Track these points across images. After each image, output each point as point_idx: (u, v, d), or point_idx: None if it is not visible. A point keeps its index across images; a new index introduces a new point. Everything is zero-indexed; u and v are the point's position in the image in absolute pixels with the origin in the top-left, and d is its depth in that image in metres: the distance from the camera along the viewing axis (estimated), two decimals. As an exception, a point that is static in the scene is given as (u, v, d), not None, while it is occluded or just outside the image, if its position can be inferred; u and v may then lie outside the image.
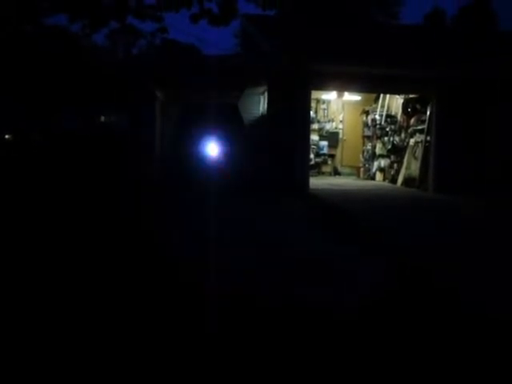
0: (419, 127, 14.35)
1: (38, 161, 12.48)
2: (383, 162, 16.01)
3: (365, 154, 17.19)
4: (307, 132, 13.57)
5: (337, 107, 17.83)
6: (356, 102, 17.20)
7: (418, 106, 14.64)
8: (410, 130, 14.81)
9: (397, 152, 15.31)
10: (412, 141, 14.63)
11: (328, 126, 17.74)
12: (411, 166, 14.57)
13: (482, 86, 13.36)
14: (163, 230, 7.97)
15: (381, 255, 6.65)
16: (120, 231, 7.53)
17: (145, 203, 10.11)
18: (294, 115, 12.96)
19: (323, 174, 17.31)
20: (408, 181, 14.47)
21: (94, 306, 4.57)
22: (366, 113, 17.23)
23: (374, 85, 13.62)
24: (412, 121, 14.77)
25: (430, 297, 5.14)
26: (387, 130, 15.90)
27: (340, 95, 16.43)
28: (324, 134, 17.55)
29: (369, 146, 16.93)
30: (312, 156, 16.12)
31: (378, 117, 16.44)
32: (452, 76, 13.37)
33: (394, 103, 15.99)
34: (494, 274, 5.93)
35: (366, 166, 17.04)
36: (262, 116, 13.94)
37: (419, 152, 14.19)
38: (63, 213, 8.66)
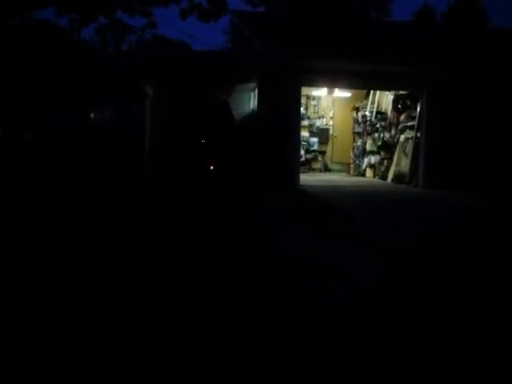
0: (409, 123, 14.35)
1: (31, 160, 12.31)
2: (373, 159, 16.01)
3: (355, 150, 17.18)
4: (298, 128, 13.54)
5: (327, 104, 17.80)
6: (346, 99, 17.18)
7: (408, 103, 14.65)
8: (400, 127, 14.80)
9: (387, 148, 15.30)
10: (402, 137, 14.64)
11: (318, 123, 17.72)
12: (401, 162, 14.58)
13: (474, 83, 13.37)
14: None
15: (371, 254, 6.64)
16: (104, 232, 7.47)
17: (130, 203, 10.02)
18: (284, 112, 12.92)
19: (313, 170, 17.29)
20: (398, 177, 14.47)
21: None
22: (357, 109, 17.21)
23: (364, 81, 13.60)
24: (402, 117, 14.77)
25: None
26: (377, 126, 15.89)
27: (330, 92, 16.41)
28: (314, 130, 17.53)
29: (359, 143, 16.92)
30: (302, 152, 16.09)
31: (368, 113, 16.43)
32: (441, 74, 13.37)
33: (385, 100, 15.99)
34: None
35: (357, 162, 17.03)
36: (253, 112, 13.88)
37: (409, 148, 14.19)
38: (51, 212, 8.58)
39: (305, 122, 16.82)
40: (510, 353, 3.86)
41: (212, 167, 12.02)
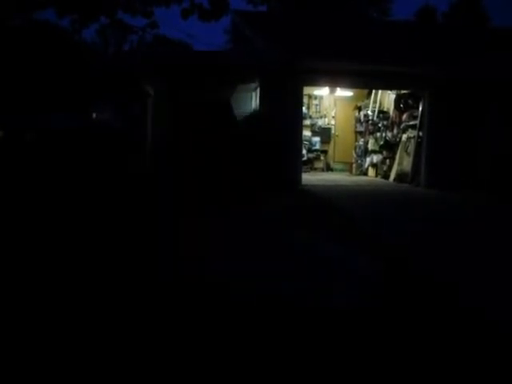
0: (411, 123, 14.34)
1: (31, 159, 12.29)
2: (375, 158, 16.00)
3: (357, 149, 17.17)
4: (299, 128, 13.54)
5: (329, 103, 17.80)
6: (348, 98, 17.18)
7: (410, 102, 14.64)
8: (402, 126, 14.80)
9: (389, 148, 15.29)
10: (404, 136, 14.63)
11: (320, 122, 17.72)
12: (403, 161, 14.57)
13: (474, 83, 13.35)
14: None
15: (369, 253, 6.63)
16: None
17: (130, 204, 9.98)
18: (286, 111, 12.92)
19: (316, 169, 17.29)
20: (400, 176, 14.46)
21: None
22: (359, 108, 17.20)
23: (365, 81, 13.59)
24: (404, 116, 14.76)
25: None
26: (379, 125, 15.89)
27: (332, 91, 16.41)
28: (316, 129, 17.52)
29: (361, 142, 16.91)
30: (304, 152, 16.09)
31: (370, 112, 16.42)
32: (442, 74, 13.35)
33: (387, 99, 15.98)
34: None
35: (359, 161, 17.02)
36: (255, 112, 13.88)
37: (411, 148, 14.18)
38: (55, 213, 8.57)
39: (307, 122, 16.81)
40: (511, 353, 3.86)
41: (213, 167, 12.01)
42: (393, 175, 14.82)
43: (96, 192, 10.29)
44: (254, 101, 14.07)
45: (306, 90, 14.88)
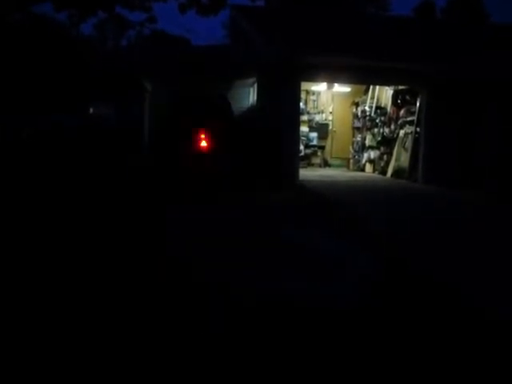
0: (409, 118, 14.33)
1: (28, 158, 12.23)
2: (373, 154, 15.99)
3: (354, 145, 17.16)
4: (297, 123, 13.51)
5: (326, 99, 17.76)
6: (346, 94, 17.15)
7: (407, 98, 14.62)
8: (399, 122, 14.78)
9: (386, 143, 15.28)
10: (402, 132, 14.62)
11: (318, 118, 17.69)
12: (401, 157, 14.56)
13: (473, 82, 13.33)
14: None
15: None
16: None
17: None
18: (283, 107, 12.88)
19: (313, 165, 17.27)
20: (398, 172, 14.46)
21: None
22: (356, 104, 17.18)
23: (363, 76, 13.56)
24: (402, 112, 14.75)
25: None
26: (377, 121, 15.87)
27: (330, 86, 16.36)
28: (314, 125, 17.49)
29: (358, 138, 16.90)
30: (302, 147, 16.06)
31: (367, 108, 16.40)
32: (440, 73, 13.33)
33: (384, 95, 15.96)
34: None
35: (356, 157, 17.02)
36: (252, 108, 13.85)
37: (409, 143, 14.18)
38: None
39: (304, 117, 16.78)
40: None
41: (211, 161, 11.98)
42: (390, 171, 14.82)
43: (94, 186, 10.27)
44: (251, 96, 14.04)
45: (304, 86, 14.85)
